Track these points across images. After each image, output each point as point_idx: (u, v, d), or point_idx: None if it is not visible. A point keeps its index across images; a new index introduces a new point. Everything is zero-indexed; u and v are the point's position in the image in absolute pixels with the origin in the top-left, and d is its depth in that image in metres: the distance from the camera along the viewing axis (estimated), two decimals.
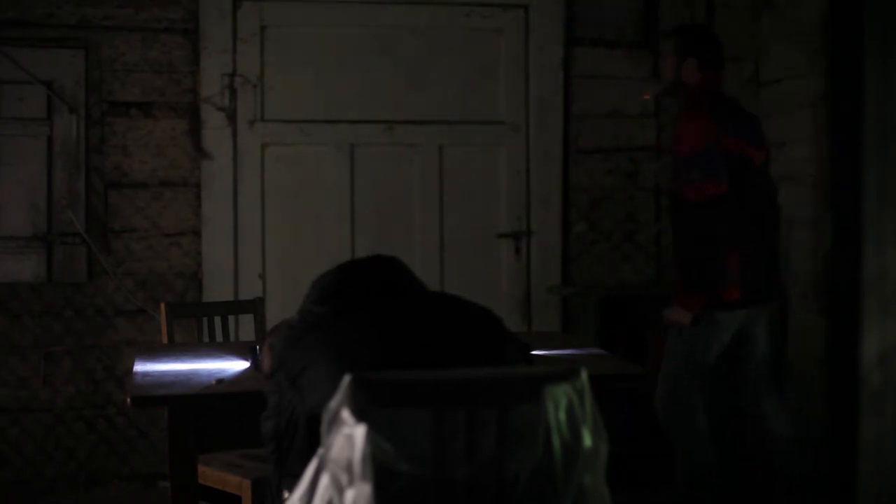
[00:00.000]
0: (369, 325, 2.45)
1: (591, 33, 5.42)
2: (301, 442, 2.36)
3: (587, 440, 2.17)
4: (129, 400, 2.90)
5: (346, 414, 2.05)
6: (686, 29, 4.57)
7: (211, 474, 3.51)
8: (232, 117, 5.15)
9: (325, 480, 2.09)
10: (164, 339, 4.10)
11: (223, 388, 3.01)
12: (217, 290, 5.11)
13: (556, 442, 2.14)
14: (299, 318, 2.56)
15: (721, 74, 4.37)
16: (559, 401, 2.15)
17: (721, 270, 4.13)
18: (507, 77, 5.39)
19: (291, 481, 2.31)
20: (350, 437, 2.03)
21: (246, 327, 4.86)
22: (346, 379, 2.06)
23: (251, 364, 3.28)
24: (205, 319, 4.23)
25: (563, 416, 2.15)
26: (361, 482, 2.01)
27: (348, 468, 2.04)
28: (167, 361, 3.36)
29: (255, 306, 4.40)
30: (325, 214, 5.27)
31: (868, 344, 4.64)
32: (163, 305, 4.14)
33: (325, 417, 2.09)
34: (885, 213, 4.60)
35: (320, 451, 2.11)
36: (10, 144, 4.99)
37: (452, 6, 5.33)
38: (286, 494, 2.42)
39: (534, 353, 3.31)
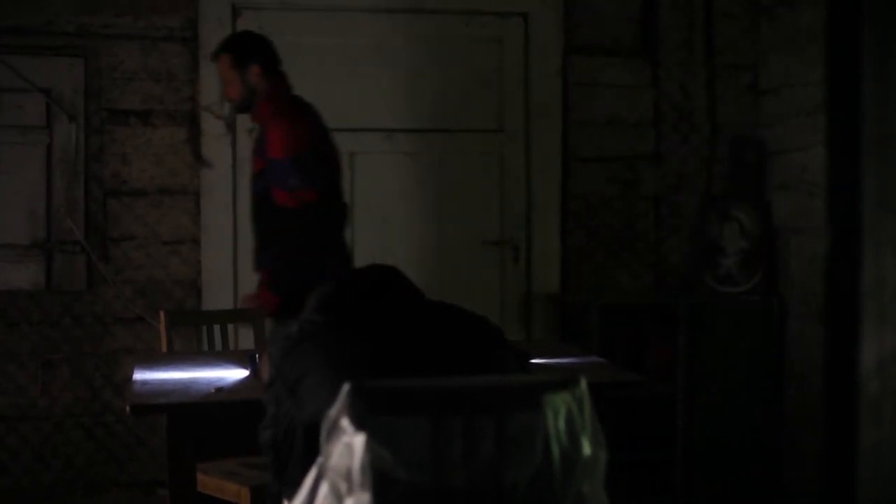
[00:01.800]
0: (367, 334, 2.45)
1: (590, 41, 5.43)
2: (299, 451, 2.36)
3: (586, 448, 2.16)
4: (128, 408, 2.90)
5: (344, 422, 2.05)
6: (235, 40, 4.47)
7: (210, 482, 3.51)
8: (231, 125, 5.15)
9: (324, 489, 2.09)
10: (163, 348, 4.10)
11: (222, 396, 3.01)
12: (216, 298, 5.11)
13: (554, 450, 2.14)
14: (297, 326, 2.56)
15: (285, 75, 4.37)
16: (558, 409, 2.15)
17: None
18: (506, 85, 5.39)
19: (291, 490, 2.30)
20: (349, 445, 2.03)
21: (245, 336, 4.86)
22: (345, 387, 2.06)
23: (250, 372, 3.27)
24: (204, 328, 4.23)
25: (562, 424, 2.15)
26: (360, 490, 2.01)
27: (347, 476, 2.04)
28: (166, 369, 3.36)
29: (255, 315, 4.40)
30: None
31: (866, 351, 4.65)
32: (162, 313, 4.14)
33: (324, 426, 2.09)
34: (883, 220, 4.60)
35: (319, 459, 2.11)
36: (9, 152, 4.99)
37: (452, 15, 5.33)
38: (286, 503, 2.42)
39: (533, 361, 3.31)
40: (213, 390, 3.05)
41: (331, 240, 4.28)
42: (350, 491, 2.03)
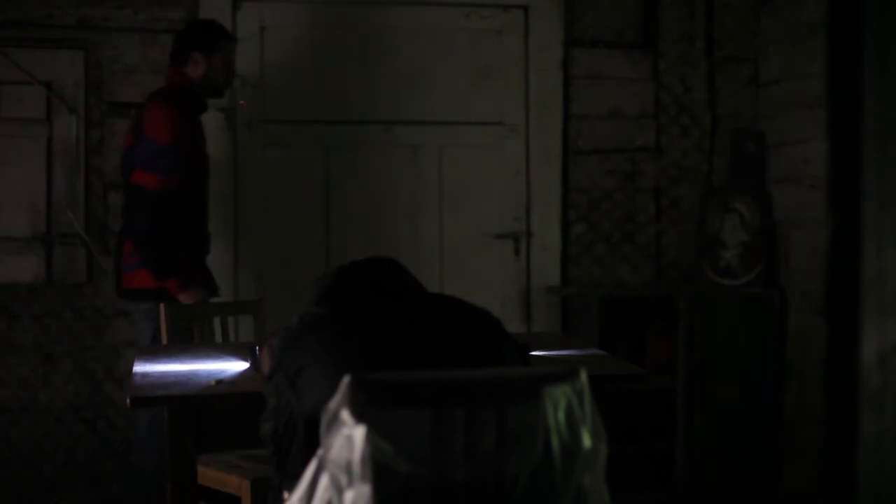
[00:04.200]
0: (367, 326, 2.45)
1: (591, 34, 5.43)
2: (300, 443, 2.36)
3: (586, 441, 2.17)
4: (128, 401, 2.90)
5: (345, 414, 2.05)
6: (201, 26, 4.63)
7: (210, 475, 3.51)
8: (231, 118, 5.15)
9: (324, 481, 2.09)
10: (164, 340, 4.10)
11: (222, 388, 3.01)
12: None
13: (555, 442, 2.14)
14: (298, 318, 2.56)
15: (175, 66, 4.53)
16: (558, 401, 2.15)
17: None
18: (506, 78, 5.39)
19: (292, 482, 2.31)
20: (349, 437, 2.03)
21: (245, 328, 4.86)
22: (346, 380, 2.07)
23: (250, 365, 3.28)
24: (204, 320, 4.23)
25: (562, 416, 2.15)
26: (361, 483, 2.01)
27: (347, 469, 2.04)
28: (167, 362, 3.36)
29: (255, 307, 4.41)
30: (324, 215, 5.27)
31: (867, 344, 4.65)
32: (162, 306, 4.15)
33: (325, 418, 2.09)
34: (884, 213, 4.60)
35: (319, 451, 2.11)
36: (10, 145, 4.98)
37: (452, 7, 5.33)
38: (286, 495, 2.42)
39: (533, 353, 3.31)
40: (213, 383, 3.05)
41: (189, 229, 4.37)
42: (350, 483, 2.03)
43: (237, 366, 3.31)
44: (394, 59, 5.30)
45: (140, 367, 3.27)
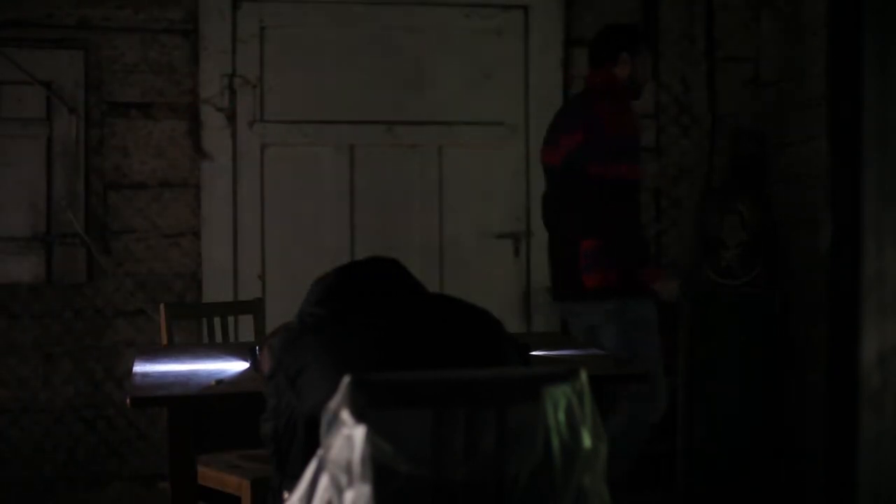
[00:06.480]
0: (367, 327, 2.45)
1: (591, 34, 5.41)
2: (300, 443, 2.36)
3: (587, 441, 2.17)
4: (128, 401, 2.90)
5: (345, 415, 2.05)
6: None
7: (210, 475, 3.51)
8: (231, 118, 5.15)
9: (324, 481, 2.09)
10: (164, 340, 4.10)
11: (223, 388, 3.01)
12: (216, 290, 5.11)
13: (555, 443, 2.14)
14: (297, 319, 2.56)
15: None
16: (558, 401, 2.15)
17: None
18: (506, 78, 5.39)
19: (292, 482, 2.31)
20: (349, 437, 2.03)
21: (245, 328, 4.86)
22: (346, 380, 2.06)
23: (251, 365, 3.28)
24: (204, 320, 4.24)
25: (562, 416, 2.15)
26: (361, 483, 2.01)
27: (348, 469, 2.04)
28: (167, 362, 3.36)
29: (255, 307, 4.41)
30: (324, 215, 5.27)
31: (867, 344, 4.65)
32: (162, 306, 4.15)
33: (325, 418, 2.09)
34: (884, 213, 4.60)
35: (319, 451, 2.11)
36: (10, 145, 4.99)
37: (452, 7, 5.33)
38: (286, 495, 2.42)
39: (533, 353, 3.31)
40: (213, 383, 3.05)
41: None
42: (350, 483, 2.03)
43: (237, 366, 3.31)
44: (394, 59, 5.30)
45: (140, 367, 3.27)
